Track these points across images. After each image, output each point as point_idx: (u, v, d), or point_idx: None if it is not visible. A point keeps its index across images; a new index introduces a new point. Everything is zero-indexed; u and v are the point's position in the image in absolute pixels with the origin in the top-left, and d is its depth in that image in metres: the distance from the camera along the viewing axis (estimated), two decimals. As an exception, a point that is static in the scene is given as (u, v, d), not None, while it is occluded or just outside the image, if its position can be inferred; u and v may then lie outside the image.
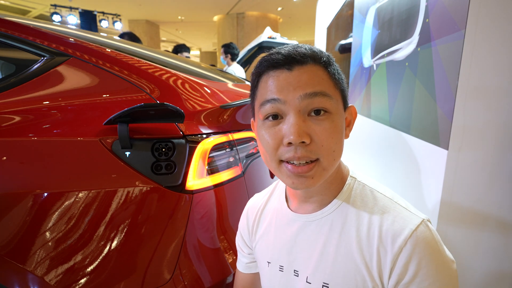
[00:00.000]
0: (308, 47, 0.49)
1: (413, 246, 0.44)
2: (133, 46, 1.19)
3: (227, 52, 3.62)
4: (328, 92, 0.47)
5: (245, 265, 0.69)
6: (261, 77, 0.50)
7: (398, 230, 0.46)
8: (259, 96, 0.50)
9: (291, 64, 0.46)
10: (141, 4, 8.81)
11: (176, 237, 0.80)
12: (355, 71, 2.02)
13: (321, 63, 0.48)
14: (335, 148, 0.47)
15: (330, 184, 0.53)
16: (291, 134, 0.45)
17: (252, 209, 0.68)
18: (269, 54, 0.49)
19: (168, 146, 0.79)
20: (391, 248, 0.46)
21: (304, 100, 0.45)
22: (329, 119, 0.46)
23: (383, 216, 0.49)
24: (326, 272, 0.51)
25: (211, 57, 17.94)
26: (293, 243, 0.56)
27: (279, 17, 10.58)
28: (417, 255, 0.44)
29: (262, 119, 0.49)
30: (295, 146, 0.45)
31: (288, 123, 0.46)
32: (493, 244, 0.88)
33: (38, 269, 0.73)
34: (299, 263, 0.55)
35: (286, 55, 0.47)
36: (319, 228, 0.53)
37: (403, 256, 0.45)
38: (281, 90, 0.46)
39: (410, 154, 1.09)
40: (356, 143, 1.89)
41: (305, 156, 0.46)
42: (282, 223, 0.60)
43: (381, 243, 0.47)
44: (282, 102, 0.46)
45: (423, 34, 1.01)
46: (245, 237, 0.69)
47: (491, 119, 0.81)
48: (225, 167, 0.89)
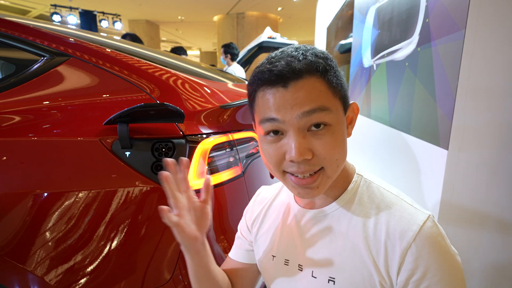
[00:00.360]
0: (303, 55, 0.46)
1: (422, 242, 0.45)
2: (133, 46, 1.19)
3: (227, 52, 3.62)
4: (326, 105, 0.46)
5: (245, 252, 0.68)
6: (257, 93, 0.49)
7: (405, 225, 0.47)
8: (258, 111, 0.49)
9: (285, 81, 0.45)
10: (141, 4, 8.81)
11: (176, 237, 0.80)
12: (355, 71, 2.02)
13: (318, 73, 0.45)
14: (337, 157, 0.47)
15: (336, 182, 0.53)
16: (292, 153, 0.45)
17: (260, 201, 0.69)
18: (261, 72, 0.47)
19: (168, 146, 0.79)
20: (400, 244, 0.46)
21: (303, 119, 0.45)
22: (329, 132, 0.46)
23: (390, 212, 0.49)
24: (332, 267, 0.51)
25: (211, 57, 17.94)
26: (299, 238, 0.57)
27: (279, 17, 10.58)
28: (426, 250, 0.45)
29: (263, 135, 0.49)
30: (298, 163, 0.46)
31: (289, 140, 0.46)
32: (493, 244, 0.88)
33: (38, 269, 0.73)
34: (304, 258, 0.56)
35: (278, 74, 0.44)
36: (326, 224, 0.54)
37: (412, 252, 0.45)
38: (278, 110, 0.45)
39: (410, 154, 1.09)
40: (356, 143, 1.89)
41: (309, 170, 0.46)
42: (289, 217, 0.60)
43: (389, 238, 0.47)
44: (281, 121, 0.46)
45: (423, 34, 1.01)
46: (249, 225, 0.68)
47: (491, 119, 0.81)
48: (225, 167, 0.89)
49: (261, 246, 0.64)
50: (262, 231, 0.65)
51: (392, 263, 0.47)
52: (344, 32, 2.78)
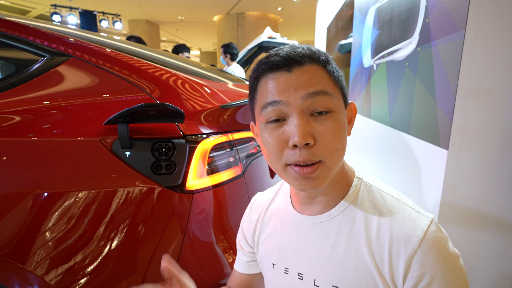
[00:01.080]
0: (306, 46, 0.49)
1: (427, 247, 0.45)
2: (133, 46, 1.19)
3: (227, 52, 3.62)
4: (329, 91, 0.47)
5: (245, 264, 0.67)
6: (260, 80, 0.49)
7: (409, 231, 0.46)
8: (259, 99, 0.49)
9: (290, 65, 0.46)
10: (141, 4, 8.81)
11: (176, 237, 0.80)
12: (355, 71, 2.02)
13: (320, 62, 0.48)
14: (338, 146, 0.47)
15: (335, 184, 0.53)
16: (295, 136, 0.44)
17: (256, 208, 0.67)
18: (267, 57, 0.49)
19: (168, 146, 0.79)
20: (405, 250, 0.45)
21: (307, 100, 0.45)
22: (331, 117, 0.46)
23: (393, 217, 0.49)
24: (335, 275, 0.50)
25: (211, 57, 17.94)
26: (298, 245, 0.55)
27: (279, 17, 10.58)
28: (432, 256, 0.44)
29: (264, 123, 0.49)
30: (300, 148, 0.45)
31: (291, 124, 0.46)
32: (493, 244, 0.88)
33: (38, 269, 0.72)
34: (304, 266, 0.54)
35: (285, 56, 0.47)
36: (326, 230, 0.53)
37: (418, 258, 0.45)
38: (282, 92, 0.46)
39: (410, 154, 1.09)
40: (356, 143, 1.89)
41: (309, 159, 0.46)
42: (287, 224, 0.59)
43: (393, 244, 0.47)
44: (284, 103, 0.46)
45: (423, 34, 1.01)
46: (247, 236, 0.67)
47: (491, 119, 0.81)
48: (225, 167, 0.89)
49: (262, 254, 0.63)
50: (262, 238, 0.63)
51: (397, 270, 0.46)
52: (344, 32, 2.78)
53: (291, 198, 0.60)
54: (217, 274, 0.86)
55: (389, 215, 0.49)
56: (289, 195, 0.61)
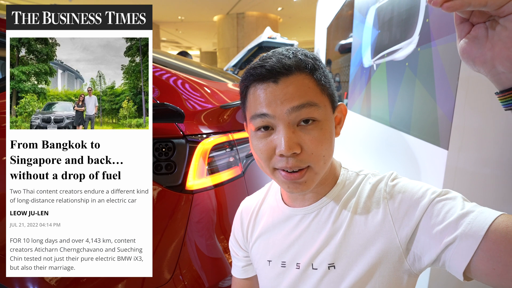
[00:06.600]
0: (293, 53, 0.49)
1: (390, 188, 0.52)
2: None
3: None
4: (315, 101, 0.48)
5: (241, 269, 0.68)
6: (249, 89, 0.51)
7: (380, 181, 0.54)
8: (249, 107, 0.51)
9: (276, 77, 0.47)
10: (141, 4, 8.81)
11: (176, 237, 0.80)
12: (355, 71, 2.03)
13: (307, 70, 0.48)
14: (324, 153, 0.49)
15: (325, 180, 0.56)
16: (282, 147, 0.47)
17: (246, 211, 0.68)
18: (253, 68, 0.50)
19: (168, 146, 0.79)
20: (382, 201, 0.51)
21: (292, 113, 0.47)
22: (317, 127, 0.48)
23: (367, 182, 0.55)
24: (330, 254, 0.52)
25: (211, 57, 17.94)
26: (294, 237, 0.57)
27: (279, 17, 10.58)
28: (395, 191, 0.51)
29: (254, 130, 0.51)
30: (287, 157, 0.48)
31: (278, 135, 0.48)
32: (493, 244, 0.88)
33: (38, 269, 0.72)
34: (301, 255, 0.56)
35: (270, 69, 0.47)
36: (319, 217, 0.55)
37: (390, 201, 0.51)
38: (269, 105, 0.47)
39: (410, 154, 1.09)
40: (356, 143, 1.89)
41: (296, 165, 0.48)
42: (280, 220, 0.60)
43: (373, 202, 0.52)
44: (271, 116, 0.48)
45: (423, 34, 1.01)
46: (239, 240, 0.69)
47: (491, 119, 0.81)
48: (225, 167, 0.89)
49: (256, 253, 0.63)
50: (255, 237, 0.64)
51: (387, 220, 0.50)
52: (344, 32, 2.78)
53: (282, 195, 0.62)
54: (217, 273, 0.86)
55: (366, 182, 0.55)
56: (279, 193, 0.63)
